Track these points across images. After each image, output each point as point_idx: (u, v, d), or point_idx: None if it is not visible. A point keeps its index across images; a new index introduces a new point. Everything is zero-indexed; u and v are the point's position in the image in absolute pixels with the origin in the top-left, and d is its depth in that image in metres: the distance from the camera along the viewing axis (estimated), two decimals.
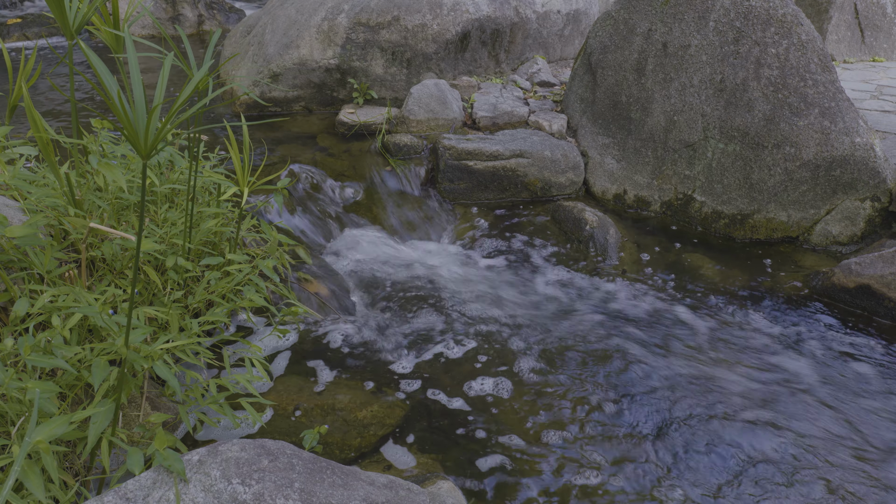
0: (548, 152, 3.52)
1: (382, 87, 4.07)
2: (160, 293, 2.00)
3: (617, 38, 3.63)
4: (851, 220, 3.19)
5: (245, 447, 1.29)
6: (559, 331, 2.55)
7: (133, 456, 1.29)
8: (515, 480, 1.84)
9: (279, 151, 3.48)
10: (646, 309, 2.74)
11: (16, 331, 1.59)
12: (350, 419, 2.01)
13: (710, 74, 3.31)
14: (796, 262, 3.12)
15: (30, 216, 1.87)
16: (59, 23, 1.72)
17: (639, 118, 3.55)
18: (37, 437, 1.12)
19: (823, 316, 2.73)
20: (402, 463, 1.88)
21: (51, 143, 1.78)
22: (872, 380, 2.35)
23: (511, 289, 2.85)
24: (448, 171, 3.47)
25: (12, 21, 5.94)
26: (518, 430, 2.03)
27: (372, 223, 3.23)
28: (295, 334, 2.41)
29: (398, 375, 2.25)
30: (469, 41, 4.20)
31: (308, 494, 1.22)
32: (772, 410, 2.16)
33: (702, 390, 2.24)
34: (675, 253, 3.17)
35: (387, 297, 2.71)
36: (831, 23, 6.01)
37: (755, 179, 3.26)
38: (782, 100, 3.17)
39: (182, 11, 6.50)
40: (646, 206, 3.55)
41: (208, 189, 2.41)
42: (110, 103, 1.05)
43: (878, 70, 5.81)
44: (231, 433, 1.90)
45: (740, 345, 2.53)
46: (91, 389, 1.69)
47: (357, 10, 3.97)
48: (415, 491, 1.37)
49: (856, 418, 2.16)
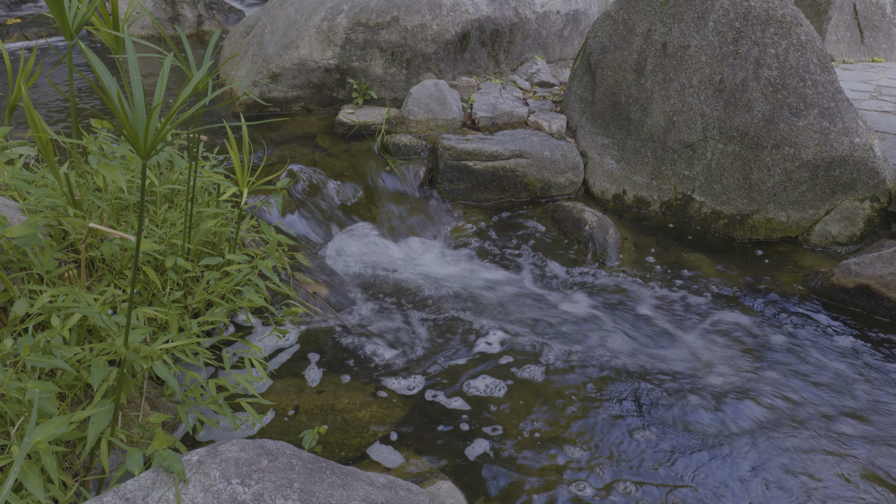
0: (547, 152, 3.52)
1: (382, 88, 4.07)
2: (159, 293, 2.00)
3: (616, 38, 3.63)
4: (851, 221, 3.19)
5: (244, 447, 1.29)
6: (558, 331, 2.55)
7: (132, 456, 1.29)
8: (515, 481, 1.84)
9: (278, 152, 3.48)
10: (644, 309, 2.74)
11: (15, 331, 1.59)
12: (349, 419, 2.01)
13: (709, 75, 3.31)
14: (796, 263, 3.12)
15: (29, 216, 1.87)
16: (59, 23, 1.72)
17: (638, 118, 3.55)
18: (36, 437, 1.12)
19: (823, 316, 2.73)
20: (401, 463, 1.88)
21: (50, 144, 1.78)
22: (872, 380, 2.36)
23: (511, 289, 2.85)
24: (447, 172, 3.47)
25: (11, 21, 5.94)
26: (518, 432, 2.03)
27: (371, 223, 3.23)
28: (294, 334, 2.41)
29: (398, 375, 2.25)
30: (468, 41, 4.20)
31: (308, 494, 1.22)
32: (768, 409, 2.16)
33: (693, 387, 2.24)
34: (674, 253, 3.17)
35: (386, 298, 2.71)
36: (830, 23, 6.02)
37: (754, 180, 3.26)
38: (781, 100, 3.17)
39: (181, 12, 6.49)
40: (645, 207, 3.55)
41: (208, 189, 2.42)
42: (110, 103, 1.06)
43: (877, 70, 5.82)
44: (231, 433, 1.90)
45: (739, 345, 2.53)
46: (90, 390, 1.69)
47: (356, 10, 3.97)
48: (414, 491, 1.37)
49: (856, 419, 2.16)
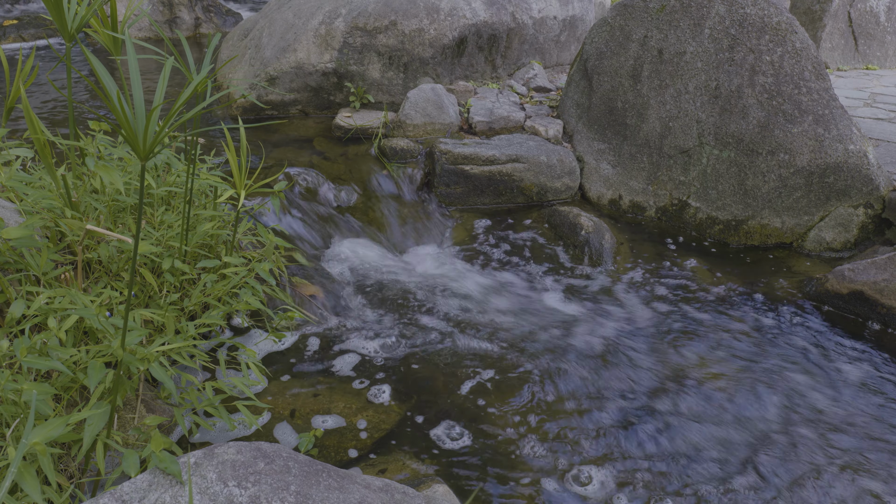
0: (544, 157, 3.53)
1: (379, 92, 4.08)
2: (156, 295, 2.00)
3: (613, 44, 3.65)
4: (845, 227, 3.21)
5: (241, 450, 1.29)
6: (554, 335, 2.55)
7: (129, 458, 1.29)
8: (514, 483, 1.84)
9: (275, 154, 3.49)
10: (639, 313, 2.75)
11: (12, 332, 1.59)
12: (346, 422, 2.01)
13: (705, 81, 3.33)
14: (790, 268, 3.14)
15: (26, 218, 1.86)
16: (58, 25, 1.72)
17: (634, 124, 3.57)
18: (34, 438, 1.11)
19: (817, 321, 2.75)
20: (397, 466, 1.88)
21: (48, 145, 1.78)
22: (867, 384, 2.37)
23: (506, 292, 2.86)
24: (444, 176, 3.48)
25: (8, 22, 5.93)
26: (518, 433, 2.03)
27: (368, 227, 3.24)
28: (291, 338, 2.40)
29: (393, 379, 2.25)
30: (466, 46, 4.22)
31: (304, 497, 1.22)
32: (763, 415, 2.17)
33: (680, 389, 2.25)
34: (669, 258, 3.18)
35: (382, 301, 2.71)
36: (825, 31, 6.06)
37: (749, 186, 3.28)
38: (777, 107, 3.19)
39: (179, 14, 6.49)
40: (641, 212, 3.56)
41: (205, 192, 2.42)
42: (110, 105, 1.06)
43: (871, 78, 5.86)
44: (227, 436, 1.90)
45: (732, 350, 2.54)
46: (86, 392, 1.68)
47: (354, 14, 3.98)
48: (410, 494, 1.37)
49: (850, 421, 2.17)
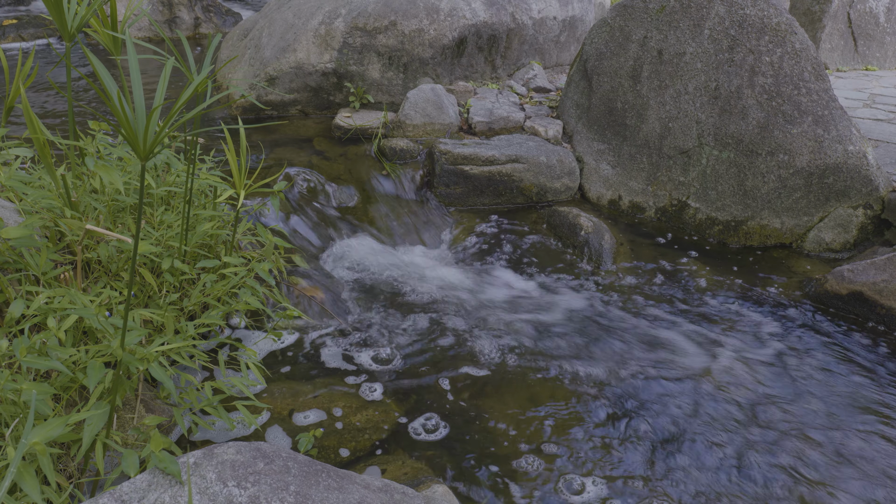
0: (543, 158, 3.53)
1: (379, 92, 4.08)
2: (156, 295, 2.00)
3: (613, 44, 3.65)
4: (844, 228, 3.21)
5: (241, 450, 1.29)
6: (554, 335, 2.55)
7: (128, 458, 1.29)
8: (512, 485, 1.84)
9: (275, 154, 3.48)
10: (638, 313, 2.75)
11: (11, 332, 1.59)
12: (345, 423, 2.01)
13: (704, 82, 3.33)
14: (790, 269, 3.14)
15: (26, 217, 1.86)
16: (58, 25, 1.72)
17: (634, 124, 3.57)
18: (33, 438, 1.11)
19: (816, 322, 2.75)
20: (397, 467, 1.88)
21: (47, 145, 1.78)
22: (865, 385, 2.37)
23: (506, 293, 2.86)
24: (444, 176, 3.48)
25: (7, 22, 5.92)
26: (517, 434, 2.03)
27: (368, 227, 3.24)
28: (290, 337, 2.40)
29: (393, 379, 2.25)
30: (466, 46, 4.22)
31: (303, 497, 1.22)
32: (762, 414, 2.17)
33: (672, 387, 2.25)
34: (669, 258, 3.18)
35: (381, 302, 2.71)
36: (825, 31, 6.06)
37: (749, 186, 3.28)
38: (776, 107, 3.19)
39: (178, 14, 6.49)
40: (640, 212, 3.56)
41: (204, 192, 2.41)
42: (110, 104, 1.06)
43: (870, 79, 5.86)
44: (226, 435, 1.90)
45: (733, 350, 2.54)
46: (86, 391, 1.68)
47: (354, 14, 3.98)
48: (410, 495, 1.37)
49: (848, 424, 2.17)
